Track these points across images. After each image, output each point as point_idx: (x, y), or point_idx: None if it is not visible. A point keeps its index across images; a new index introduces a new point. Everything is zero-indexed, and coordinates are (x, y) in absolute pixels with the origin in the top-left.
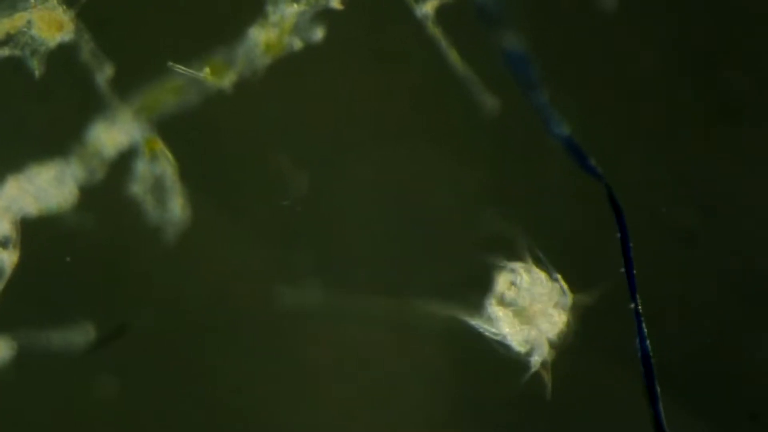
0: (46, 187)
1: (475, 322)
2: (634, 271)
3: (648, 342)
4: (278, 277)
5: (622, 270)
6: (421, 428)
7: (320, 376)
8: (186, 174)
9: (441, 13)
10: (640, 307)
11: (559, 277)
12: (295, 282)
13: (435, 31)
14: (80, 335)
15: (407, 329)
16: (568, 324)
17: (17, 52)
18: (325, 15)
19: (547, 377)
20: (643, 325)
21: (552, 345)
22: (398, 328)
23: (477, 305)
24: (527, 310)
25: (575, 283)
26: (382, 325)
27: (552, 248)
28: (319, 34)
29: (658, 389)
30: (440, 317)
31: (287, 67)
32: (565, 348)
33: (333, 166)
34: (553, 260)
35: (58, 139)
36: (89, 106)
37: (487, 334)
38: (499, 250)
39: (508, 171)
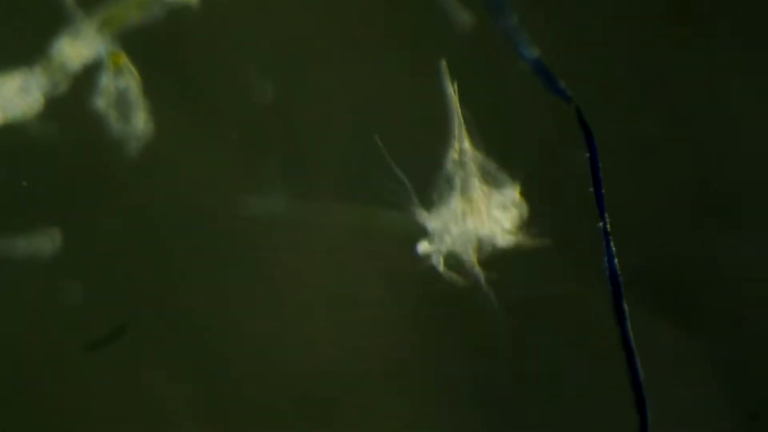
0: (12, 97)
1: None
2: (603, 190)
3: (616, 261)
4: (243, 185)
5: (591, 189)
6: (385, 333)
7: (285, 283)
8: (150, 87)
9: None
10: (609, 226)
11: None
12: (260, 190)
13: None
14: (46, 241)
15: (371, 236)
16: (516, 225)
17: None
18: None
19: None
20: (612, 244)
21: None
22: (362, 235)
23: (439, 211)
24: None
25: (544, 201)
26: (347, 232)
27: (519, 166)
28: None
29: (626, 308)
30: (403, 224)
31: None
32: (530, 263)
33: (299, 76)
34: (520, 178)
35: (23, 52)
36: (54, 20)
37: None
38: (460, 159)
39: (476, 87)
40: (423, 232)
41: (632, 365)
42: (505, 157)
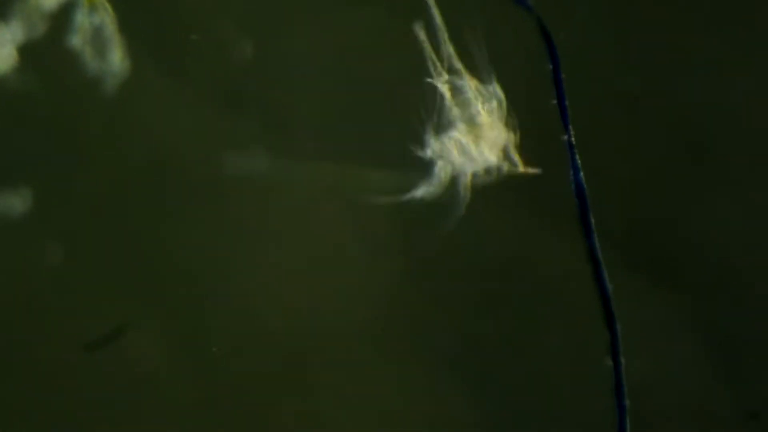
0: None
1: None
2: (566, 102)
3: (582, 174)
4: (223, 142)
5: (554, 102)
6: (368, 294)
7: (264, 243)
8: (126, 26)
9: None
10: (573, 139)
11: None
12: (240, 148)
13: None
14: (18, 200)
15: (354, 196)
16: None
17: None
18: None
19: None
20: (577, 156)
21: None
22: (344, 196)
23: (424, 173)
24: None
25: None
26: (328, 192)
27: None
28: None
29: (593, 223)
30: (387, 184)
31: None
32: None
33: (280, 31)
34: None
35: None
36: None
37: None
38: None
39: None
40: (407, 190)
41: (609, 314)
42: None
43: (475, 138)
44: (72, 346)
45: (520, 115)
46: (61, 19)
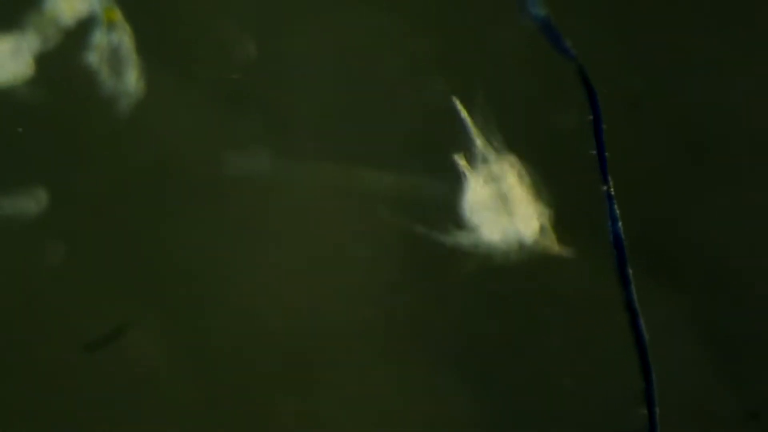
0: (3, 59)
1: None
2: (606, 154)
3: (620, 224)
4: (225, 142)
5: (594, 152)
6: (369, 294)
7: (265, 243)
8: (143, 44)
9: None
10: (612, 191)
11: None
12: (241, 148)
13: None
14: (31, 202)
15: (355, 196)
16: (542, 215)
17: None
18: None
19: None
20: (615, 207)
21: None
22: (345, 196)
23: (425, 172)
24: (503, 201)
25: (541, 167)
26: (329, 192)
27: (510, 126)
28: None
29: (630, 272)
30: (388, 185)
31: None
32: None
33: (281, 31)
34: (513, 139)
35: (14, 8)
36: None
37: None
38: (450, 120)
39: (459, 40)
40: (409, 193)
41: (638, 329)
42: (504, 117)
43: (508, 214)
44: (72, 346)
45: (557, 162)
46: (79, 36)
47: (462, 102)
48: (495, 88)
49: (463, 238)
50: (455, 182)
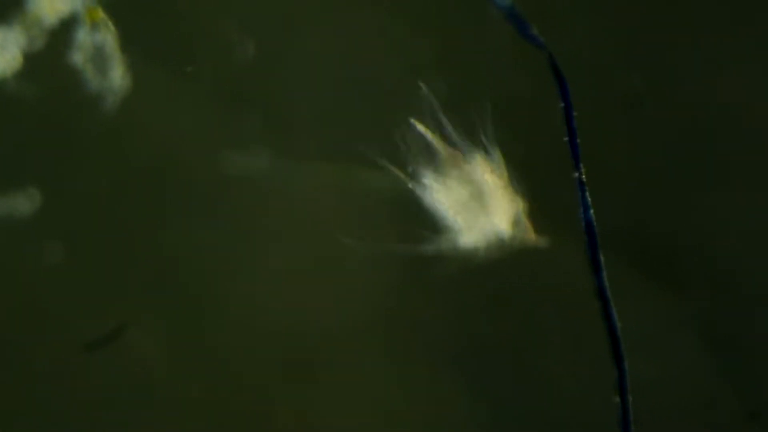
0: None
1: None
2: (578, 140)
3: (592, 211)
4: (225, 142)
5: (566, 139)
6: (369, 295)
7: (265, 243)
8: (127, 42)
9: None
10: (584, 177)
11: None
12: (241, 147)
13: None
14: (24, 201)
15: (354, 196)
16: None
17: None
18: None
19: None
20: (587, 194)
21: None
22: (346, 195)
23: (422, 172)
24: (477, 196)
25: (519, 155)
26: (329, 192)
27: (496, 119)
28: None
29: (602, 259)
30: (387, 184)
31: None
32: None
33: (282, 32)
34: (497, 132)
35: None
36: None
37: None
38: (445, 118)
39: (456, 40)
40: (407, 192)
41: (609, 317)
42: (489, 114)
43: (483, 208)
44: (72, 346)
45: (530, 149)
46: (63, 35)
47: (456, 102)
48: (481, 85)
49: (443, 240)
50: (436, 184)
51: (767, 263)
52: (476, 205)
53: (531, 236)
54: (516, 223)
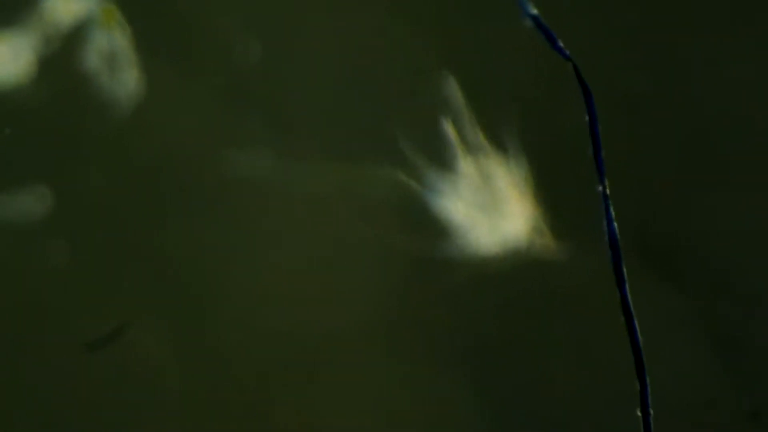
0: (3, 61)
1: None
2: (602, 153)
3: (615, 225)
4: (227, 142)
5: (590, 153)
6: (372, 294)
7: (268, 243)
8: (142, 44)
9: None
10: (608, 191)
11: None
12: (244, 148)
13: None
14: (36, 201)
15: (357, 196)
16: (531, 213)
17: None
18: None
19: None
20: (611, 207)
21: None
22: (348, 196)
23: (427, 171)
24: (491, 200)
25: (538, 165)
26: (332, 192)
27: (509, 124)
28: None
29: (625, 271)
30: (391, 184)
31: None
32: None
33: (285, 33)
34: (512, 139)
35: (14, 9)
36: None
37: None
38: (452, 117)
39: (461, 39)
40: (411, 192)
41: (632, 330)
42: (501, 117)
43: (499, 214)
44: (74, 346)
45: (554, 161)
46: (78, 37)
47: (460, 101)
48: (495, 88)
49: (457, 243)
50: (452, 183)
51: (767, 263)
52: (491, 209)
53: (550, 244)
54: (535, 230)
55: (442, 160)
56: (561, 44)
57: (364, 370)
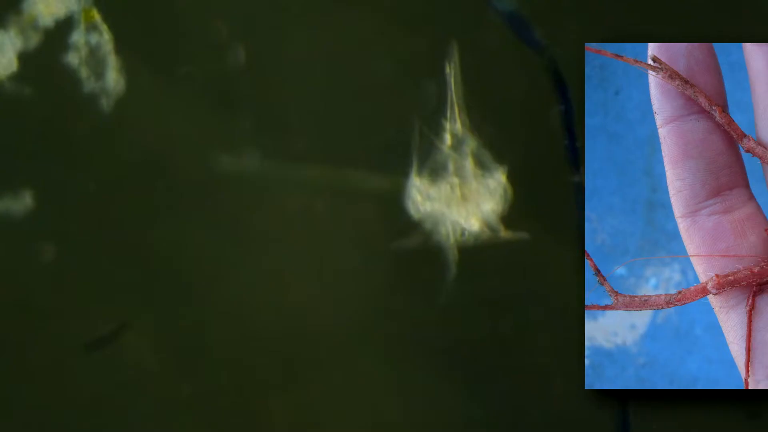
0: None
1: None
2: (576, 143)
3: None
4: (217, 143)
5: (566, 142)
6: (360, 294)
7: (259, 244)
8: (122, 44)
9: None
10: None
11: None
12: (234, 149)
13: None
14: (18, 203)
15: (343, 196)
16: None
17: None
18: None
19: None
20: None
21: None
22: (338, 197)
23: (410, 172)
24: (461, 189)
25: (513, 153)
26: (322, 193)
27: (491, 120)
28: None
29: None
30: (375, 184)
31: None
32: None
33: (274, 34)
34: (492, 132)
35: None
36: None
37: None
38: (436, 120)
39: (450, 41)
40: (399, 193)
41: None
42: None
43: (469, 206)
44: (67, 347)
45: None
46: (59, 36)
47: (448, 98)
48: (484, 87)
49: (427, 236)
50: (434, 182)
51: None
52: (462, 202)
53: (507, 234)
54: (492, 222)
55: (424, 158)
56: (537, 36)
57: (358, 371)
